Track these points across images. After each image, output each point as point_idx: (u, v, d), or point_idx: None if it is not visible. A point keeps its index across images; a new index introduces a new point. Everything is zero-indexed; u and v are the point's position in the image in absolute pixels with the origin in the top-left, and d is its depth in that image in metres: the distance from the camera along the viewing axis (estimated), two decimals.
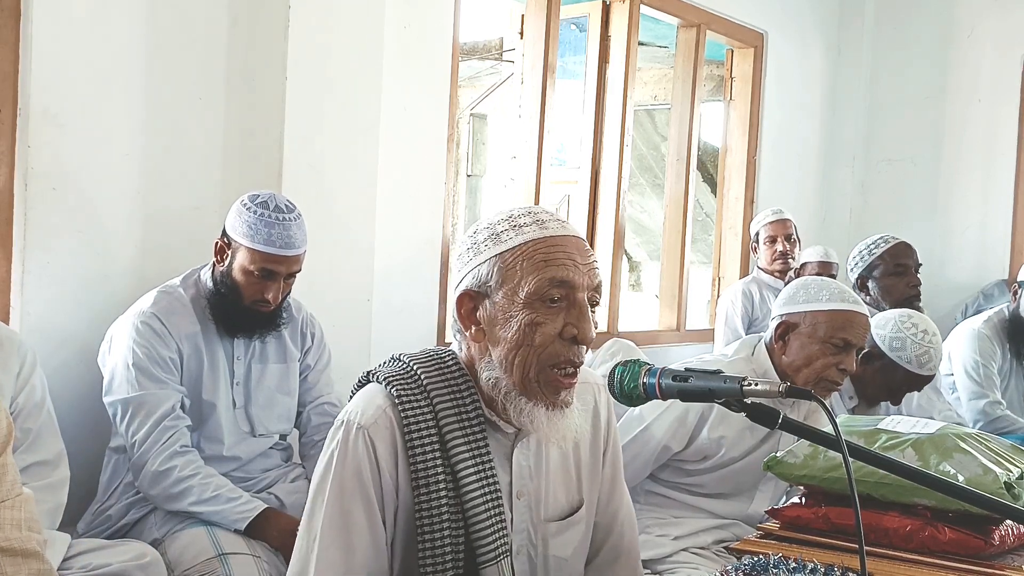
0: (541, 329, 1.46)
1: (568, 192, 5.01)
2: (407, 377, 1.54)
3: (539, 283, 1.45)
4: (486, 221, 1.55)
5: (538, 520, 1.60)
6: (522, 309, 1.46)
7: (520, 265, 1.47)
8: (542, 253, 1.47)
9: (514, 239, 1.49)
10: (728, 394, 1.37)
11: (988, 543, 1.76)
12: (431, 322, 3.60)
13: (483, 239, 1.51)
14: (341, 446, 1.50)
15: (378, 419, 1.49)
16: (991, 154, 5.73)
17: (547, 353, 1.47)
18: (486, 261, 1.49)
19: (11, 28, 2.52)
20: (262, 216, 2.43)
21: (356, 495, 1.48)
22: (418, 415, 1.50)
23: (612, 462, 1.73)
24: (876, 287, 3.64)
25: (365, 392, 1.56)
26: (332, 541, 1.47)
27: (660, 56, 6.89)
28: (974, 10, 5.73)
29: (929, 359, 2.85)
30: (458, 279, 1.54)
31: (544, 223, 1.50)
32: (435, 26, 3.51)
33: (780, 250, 4.67)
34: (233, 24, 2.95)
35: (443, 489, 1.48)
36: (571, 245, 1.49)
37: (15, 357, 2.13)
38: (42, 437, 2.16)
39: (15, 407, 2.12)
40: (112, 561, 2.10)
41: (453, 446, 1.49)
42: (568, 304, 1.47)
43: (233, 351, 2.56)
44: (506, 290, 1.47)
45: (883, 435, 1.95)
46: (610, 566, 1.74)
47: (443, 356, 1.58)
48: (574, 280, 1.46)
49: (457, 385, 1.54)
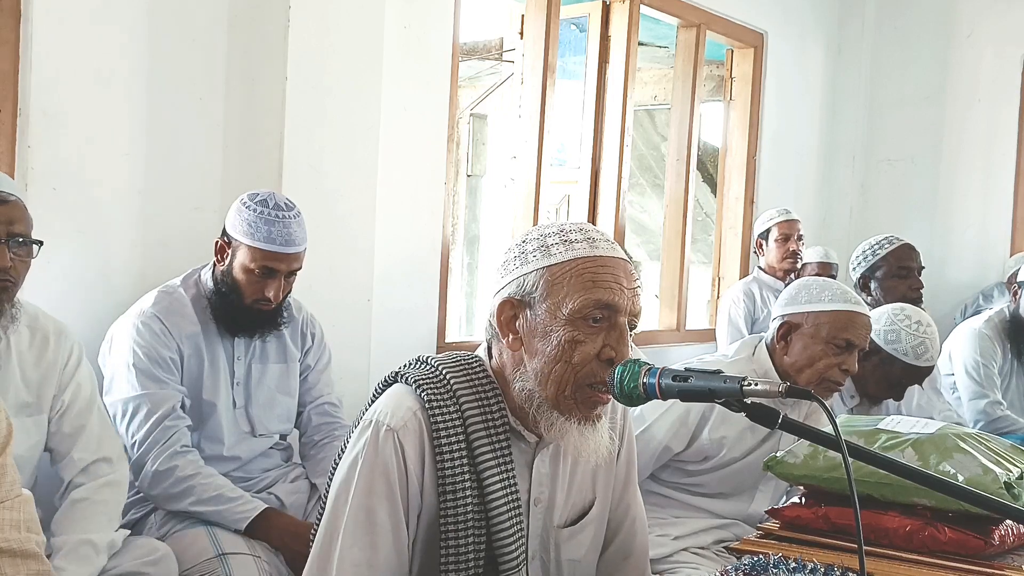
0: (580, 348, 1.46)
1: (568, 192, 5.01)
2: (436, 382, 1.53)
3: (584, 302, 1.46)
4: (537, 231, 1.55)
5: (551, 526, 1.61)
6: (564, 325, 1.46)
7: (568, 281, 1.47)
8: (591, 272, 1.47)
9: (564, 254, 1.49)
10: (728, 394, 1.37)
11: (988, 543, 1.77)
12: (431, 322, 3.60)
13: (532, 249, 1.51)
14: (370, 446, 1.49)
15: (408, 422, 1.50)
16: (991, 154, 5.73)
17: (584, 372, 1.47)
18: (533, 272, 1.49)
19: (11, 28, 2.52)
20: (262, 214, 2.43)
21: (382, 495, 1.48)
22: (447, 420, 1.50)
23: (627, 461, 1.74)
24: (878, 288, 3.64)
25: (393, 394, 1.56)
26: (356, 539, 1.47)
27: (660, 56, 6.89)
28: (974, 10, 5.73)
29: (925, 349, 2.85)
30: (500, 285, 1.54)
31: (595, 241, 1.51)
32: (435, 26, 3.51)
33: (793, 249, 4.67)
34: (233, 24, 2.95)
35: (469, 496, 1.48)
36: (619, 268, 1.50)
37: (61, 351, 2.14)
38: (99, 434, 2.18)
39: (61, 404, 2.13)
40: (120, 562, 2.10)
41: (480, 453, 1.50)
42: (609, 326, 1.48)
43: (233, 351, 2.56)
44: (550, 304, 1.47)
45: (883, 435, 1.95)
46: (620, 564, 1.74)
47: (471, 362, 1.58)
48: (618, 304, 1.47)
49: (484, 392, 1.54)
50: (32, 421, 2.08)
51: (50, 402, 2.12)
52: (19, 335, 2.08)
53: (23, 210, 2.00)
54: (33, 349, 2.10)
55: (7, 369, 2.05)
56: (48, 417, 2.12)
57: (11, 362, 2.06)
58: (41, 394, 2.10)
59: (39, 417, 2.10)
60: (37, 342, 2.11)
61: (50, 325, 2.15)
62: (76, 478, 2.12)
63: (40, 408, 2.09)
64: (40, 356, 2.11)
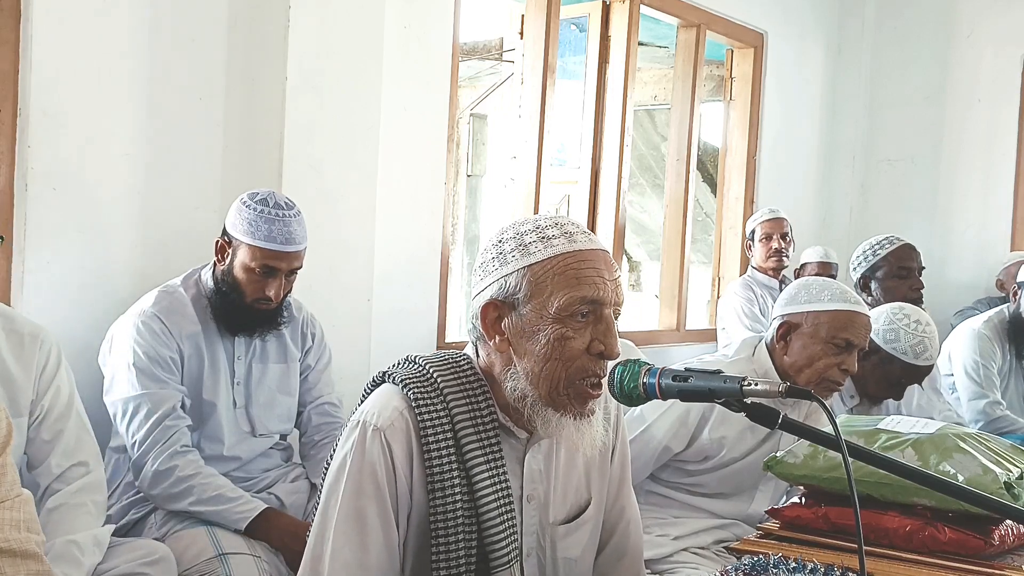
0: (569, 344, 1.46)
1: (568, 192, 5.00)
2: (424, 380, 1.54)
3: (570, 300, 1.46)
4: (512, 230, 1.54)
5: (547, 523, 1.61)
6: (551, 324, 1.46)
7: (551, 280, 1.47)
8: (573, 269, 1.47)
9: (544, 251, 1.48)
10: (728, 394, 1.37)
11: (988, 543, 1.77)
12: (431, 322, 3.60)
13: (510, 248, 1.51)
14: (357, 447, 1.49)
15: (395, 421, 1.50)
16: (991, 154, 5.73)
17: (575, 367, 1.47)
18: (514, 272, 1.49)
19: (11, 28, 2.52)
20: (262, 213, 2.43)
21: (371, 495, 1.48)
22: (434, 419, 1.50)
23: (621, 461, 1.74)
24: (878, 288, 3.64)
25: (381, 393, 1.56)
26: (346, 540, 1.47)
27: (660, 56, 6.89)
28: (974, 10, 5.73)
29: (925, 348, 2.85)
30: (480, 287, 1.53)
31: (572, 236, 1.50)
32: (435, 26, 3.51)
33: (775, 247, 4.71)
34: (233, 24, 2.95)
35: (458, 493, 1.48)
36: (600, 260, 1.49)
37: (37, 355, 2.10)
38: (77, 438, 2.14)
39: (40, 410, 2.10)
40: (118, 563, 2.09)
41: (468, 451, 1.50)
42: (595, 319, 1.48)
43: (234, 351, 2.56)
44: (535, 303, 1.47)
45: (883, 435, 1.95)
46: (614, 565, 1.74)
47: (459, 360, 1.58)
48: (603, 297, 1.47)
49: (473, 390, 1.54)
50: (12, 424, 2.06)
51: (28, 406, 2.08)
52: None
53: None
54: (10, 352, 2.06)
55: None
56: (27, 422, 2.08)
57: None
58: (18, 398, 2.06)
59: (18, 420, 2.05)
60: (13, 344, 2.07)
61: (26, 328, 2.10)
62: (52, 484, 2.08)
63: (18, 412, 2.05)
64: (17, 359, 2.07)
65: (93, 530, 2.07)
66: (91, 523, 2.08)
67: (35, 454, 2.10)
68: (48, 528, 2.01)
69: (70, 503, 2.07)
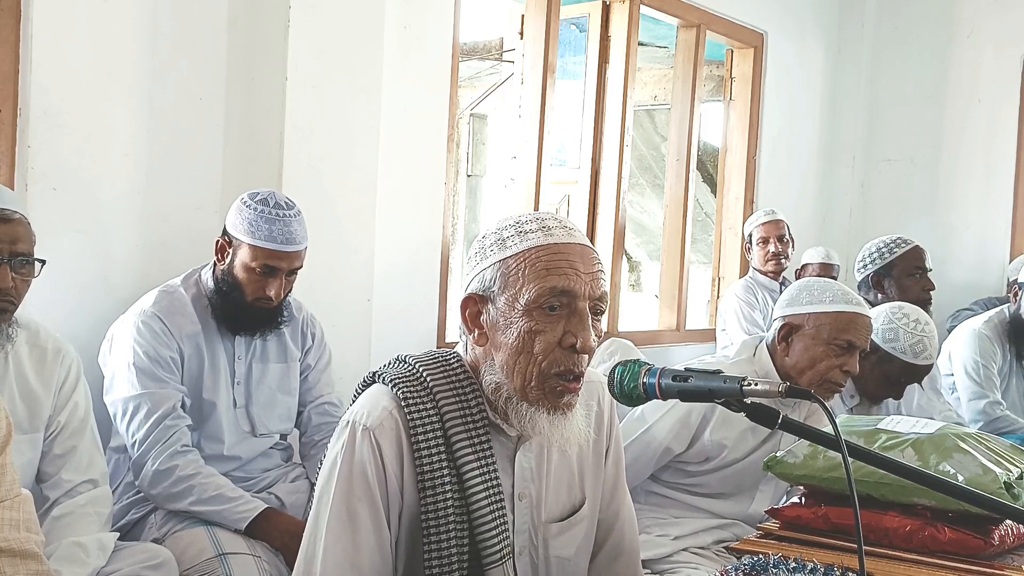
0: (541, 337, 1.46)
1: (568, 192, 5.00)
2: (412, 379, 1.54)
3: (539, 291, 1.45)
4: (496, 226, 1.55)
5: (539, 521, 1.61)
6: (522, 316, 1.46)
7: (522, 272, 1.47)
8: (544, 261, 1.46)
9: (518, 245, 1.49)
10: (728, 394, 1.37)
11: (988, 543, 1.77)
12: (431, 322, 3.60)
13: (490, 244, 1.52)
14: (347, 447, 1.50)
15: (384, 421, 1.50)
16: (991, 154, 5.72)
17: (547, 361, 1.47)
18: (491, 266, 1.50)
19: (11, 28, 2.52)
20: (262, 212, 2.43)
21: (362, 496, 1.48)
22: (424, 418, 1.50)
23: (615, 461, 1.74)
24: (893, 286, 3.65)
25: (370, 394, 1.56)
26: (338, 540, 1.47)
27: (660, 56, 6.89)
28: (974, 10, 5.73)
29: (924, 348, 2.85)
30: (465, 282, 1.55)
31: (550, 230, 1.50)
32: (435, 26, 3.51)
33: (773, 251, 4.68)
34: (233, 24, 2.95)
35: (449, 492, 1.48)
36: (575, 253, 1.48)
37: (58, 371, 2.12)
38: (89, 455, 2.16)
39: (56, 425, 2.11)
40: (121, 566, 2.09)
41: (458, 449, 1.50)
42: (568, 312, 1.47)
43: (234, 350, 2.56)
44: (508, 296, 1.48)
45: (883, 435, 1.95)
46: (610, 565, 1.74)
47: (448, 358, 1.58)
48: (575, 289, 1.46)
49: (462, 388, 1.54)
50: (27, 439, 2.05)
51: (46, 421, 2.09)
52: (18, 352, 2.05)
53: (27, 228, 1.97)
54: (32, 367, 2.08)
55: (5, 386, 2.03)
56: (43, 436, 2.10)
57: (9, 378, 2.04)
58: (38, 412, 2.08)
59: (35, 435, 2.07)
60: (35, 359, 2.09)
61: (49, 343, 2.12)
62: (60, 498, 2.10)
63: (36, 426, 2.07)
64: (38, 374, 2.09)
65: (99, 534, 2.08)
66: (96, 529, 2.10)
67: (46, 468, 2.11)
68: (54, 532, 2.03)
69: (77, 512, 2.09)
